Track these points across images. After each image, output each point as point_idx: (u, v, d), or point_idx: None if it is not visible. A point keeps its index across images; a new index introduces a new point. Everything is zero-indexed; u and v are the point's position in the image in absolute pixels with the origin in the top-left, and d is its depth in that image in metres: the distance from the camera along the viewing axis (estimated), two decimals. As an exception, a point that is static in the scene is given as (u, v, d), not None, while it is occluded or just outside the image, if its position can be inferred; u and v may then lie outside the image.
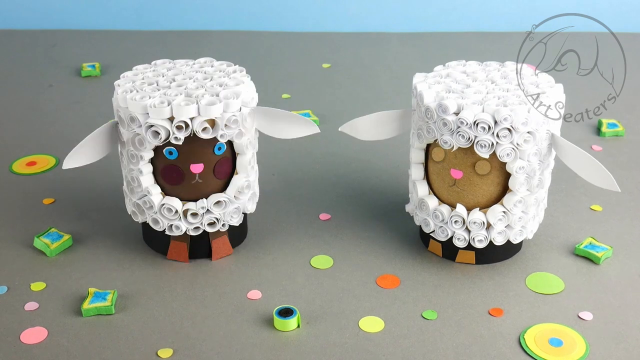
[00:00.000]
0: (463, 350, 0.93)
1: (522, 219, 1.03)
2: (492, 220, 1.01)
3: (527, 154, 0.98)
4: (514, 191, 1.00)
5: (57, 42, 1.85)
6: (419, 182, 1.06)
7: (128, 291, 1.03)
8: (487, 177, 1.00)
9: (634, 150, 1.39)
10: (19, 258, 1.09)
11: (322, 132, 1.44)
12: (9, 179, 1.28)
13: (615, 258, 1.10)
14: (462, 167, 1.00)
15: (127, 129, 1.00)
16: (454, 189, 1.02)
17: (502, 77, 1.05)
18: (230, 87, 1.02)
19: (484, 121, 0.96)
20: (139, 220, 1.06)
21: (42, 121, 1.47)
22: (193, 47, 1.83)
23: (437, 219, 1.04)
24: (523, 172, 0.99)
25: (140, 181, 1.02)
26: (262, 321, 0.98)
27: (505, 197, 1.01)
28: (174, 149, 1.00)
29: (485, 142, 0.96)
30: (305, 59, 1.77)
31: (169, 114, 0.97)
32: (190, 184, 1.03)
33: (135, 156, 1.01)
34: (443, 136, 0.99)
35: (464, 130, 0.97)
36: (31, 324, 0.97)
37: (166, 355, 0.92)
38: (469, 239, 1.03)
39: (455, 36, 1.91)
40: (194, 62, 1.09)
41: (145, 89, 1.01)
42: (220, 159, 1.03)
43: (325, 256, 1.10)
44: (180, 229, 1.04)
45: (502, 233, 1.03)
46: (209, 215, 1.04)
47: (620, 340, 0.95)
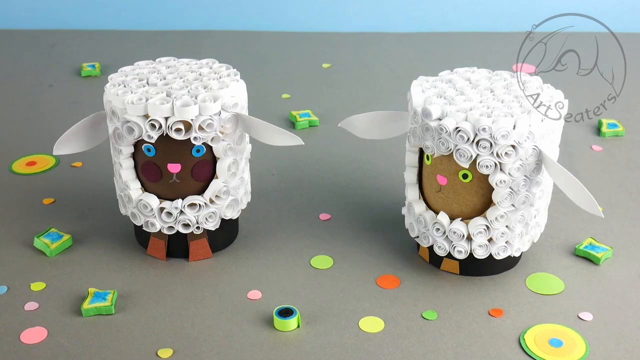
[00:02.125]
0: (463, 351, 0.93)
1: (506, 234, 1.00)
2: (472, 232, 1.00)
3: (509, 168, 0.95)
4: (497, 205, 0.98)
5: (57, 42, 1.85)
6: (409, 186, 1.05)
7: (128, 291, 1.03)
8: (470, 186, 0.99)
9: (634, 150, 1.38)
10: (19, 258, 1.09)
11: (322, 132, 1.45)
12: (9, 179, 1.28)
13: (615, 259, 1.10)
14: (446, 173, 0.99)
15: (110, 122, 1.02)
16: (439, 195, 1.01)
17: (504, 87, 1.02)
18: (212, 90, 1.00)
19: (464, 130, 0.94)
20: (123, 212, 1.08)
21: (42, 121, 1.47)
22: (193, 47, 1.82)
23: (420, 225, 1.04)
24: (505, 186, 0.96)
25: (121, 174, 1.04)
26: (262, 321, 0.98)
27: (488, 210, 0.99)
28: (151, 147, 1.00)
29: (464, 151, 0.95)
30: (305, 59, 1.77)
31: (144, 112, 0.97)
32: (169, 183, 1.03)
33: (117, 150, 1.03)
34: (425, 141, 0.98)
35: (444, 138, 0.95)
36: (31, 324, 0.97)
37: (166, 355, 0.92)
38: (449, 249, 1.02)
39: (455, 36, 1.91)
40: (195, 62, 1.09)
41: (132, 84, 1.01)
42: (200, 161, 1.02)
43: (325, 256, 1.10)
44: (155, 226, 1.04)
45: (483, 247, 1.01)
46: (183, 216, 1.04)
47: (620, 341, 0.95)
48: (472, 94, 1.00)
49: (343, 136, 1.33)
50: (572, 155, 1.36)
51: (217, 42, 1.87)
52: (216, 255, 1.10)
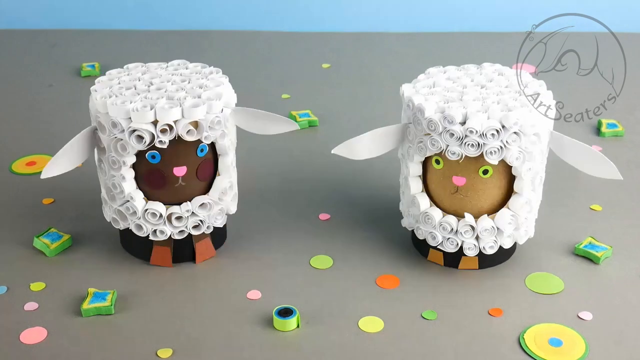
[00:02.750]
0: (463, 350, 0.93)
1: (528, 219, 1.03)
2: (501, 225, 1.00)
3: (534, 155, 0.98)
4: (520, 193, 1.00)
5: (57, 42, 1.85)
6: (419, 196, 1.04)
7: (127, 291, 1.03)
8: (490, 181, 1.00)
9: (634, 150, 1.38)
10: (19, 258, 1.09)
11: (322, 132, 1.45)
12: (9, 179, 1.28)
13: (615, 258, 1.10)
14: (464, 173, 0.99)
15: (108, 134, 0.98)
16: (456, 196, 1.01)
17: (487, 80, 1.04)
18: (210, 88, 1.01)
19: (492, 128, 0.95)
20: (121, 227, 1.05)
21: (42, 121, 1.47)
22: (193, 47, 1.82)
23: (445, 231, 1.03)
24: (531, 174, 0.99)
25: (122, 187, 1.00)
26: (262, 321, 0.98)
27: (511, 199, 1.00)
28: (156, 153, 0.99)
29: (494, 148, 0.96)
30: (305, 59, 1.77)
31: (153, 118, 0.96)
32: (173, 188, 1.02)
33: (117, 162, 0.99)
34: (450, 147, 0.97)
35: (473, 139, 0.95)
36: (31, 324, 0.97)
37: (166, 355, 0.92)
38: (479, 247, 1.03)
39: (455, 36, 1.91)
40: (167, 65, 1.09)
41: (124, 93, 0.99)
42: (203, 161, 1.02)
43: (325, 256, 1.10)
44: (165, 233, 1.03)
45: (510, 236, 1.03)
46: (194, 218, 1.03)
47: (620, 340, 0.95)
48: (472, 92, 1.01)
49: (343, 136, 1.33)
50: (572, 155, 1.36)
51: (217, 42, 1.87)
52: (216, 255, 1.10)
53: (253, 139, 1.18)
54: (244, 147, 1.17)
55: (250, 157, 1.29)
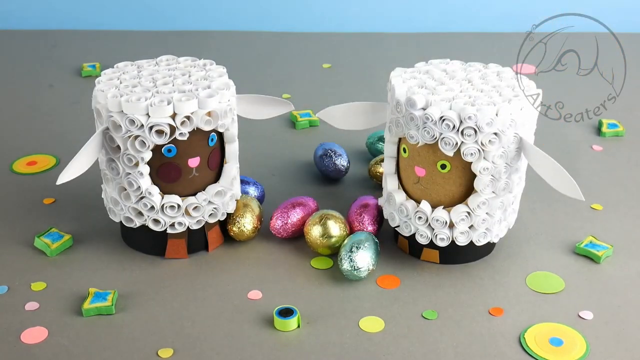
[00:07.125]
0: (463, 350, 0.93)
1: (487, 221, 1.02)
2: (454, 220, 1.01)
3: (492, 155, 0.97)
4: (479, 192, 1.00)
5: (57, 42, 1.86)
6: (389, 176, 1.07)
7: (128, 291, 1.03)
8: (449, 176, 1.00)
9: (634, 150, 1.39)
10: (20, 258, 1.09)
11: (322, 131, 1.45)
12: (9, 179, 1.28)
13: (615, 257, 1.10)
14: (425, 164, 1.01)
15: (123, 132, 0.98)
16: (417, 187, 1.03)
17: (481, 77, 1.04)
18: (215, 79, 1.04)
19: (449, 119, 0.95)
20: (136, 225, 1.05)
21: (42, 121, 1.47)
22: (193, 47, 1.82)
23: (402, 214, 1.05)
24: (488, 173, 0.98)
25: (140, 183, 1.01)
26: (262, 321, 0.98)
27: (470, 197, 1.01)
28: (172, 147, 1.00)
29: (449, 139, 0.96)
30: (305, 59, 1.78)
31: (171, 112, 0.97)
32: (187, 179, 1.03)
33: (133, 159, 1.00)
34: (410, 131, 0.99)
35: (429, 127, 0.96)
36: (31, 323, 0.97)
37: (166, 355, 0.92)
38: (431, 237, 1.03)
39: (455, 36, 1.91)
40: (156, 61, 1.09)
41: (134, 90, 1.00)
42: (213, 150, 1.05)
43: (325, 256, 1.10)
44: (183, 224, 1.05)
45: (464, 233, 1.03)
46: (210, 207, 1.05)
47: (620, 340, 0.95)
48: (451, 84, 1.02)
49: (343, 136, 1.33)
50: (572, 155, 1.36)
51: (217, 42, 1.87)
52: (216, 255, 1.10)
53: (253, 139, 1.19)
54: (244, 147, 1.18)
55: (250, 157, 1.29)
